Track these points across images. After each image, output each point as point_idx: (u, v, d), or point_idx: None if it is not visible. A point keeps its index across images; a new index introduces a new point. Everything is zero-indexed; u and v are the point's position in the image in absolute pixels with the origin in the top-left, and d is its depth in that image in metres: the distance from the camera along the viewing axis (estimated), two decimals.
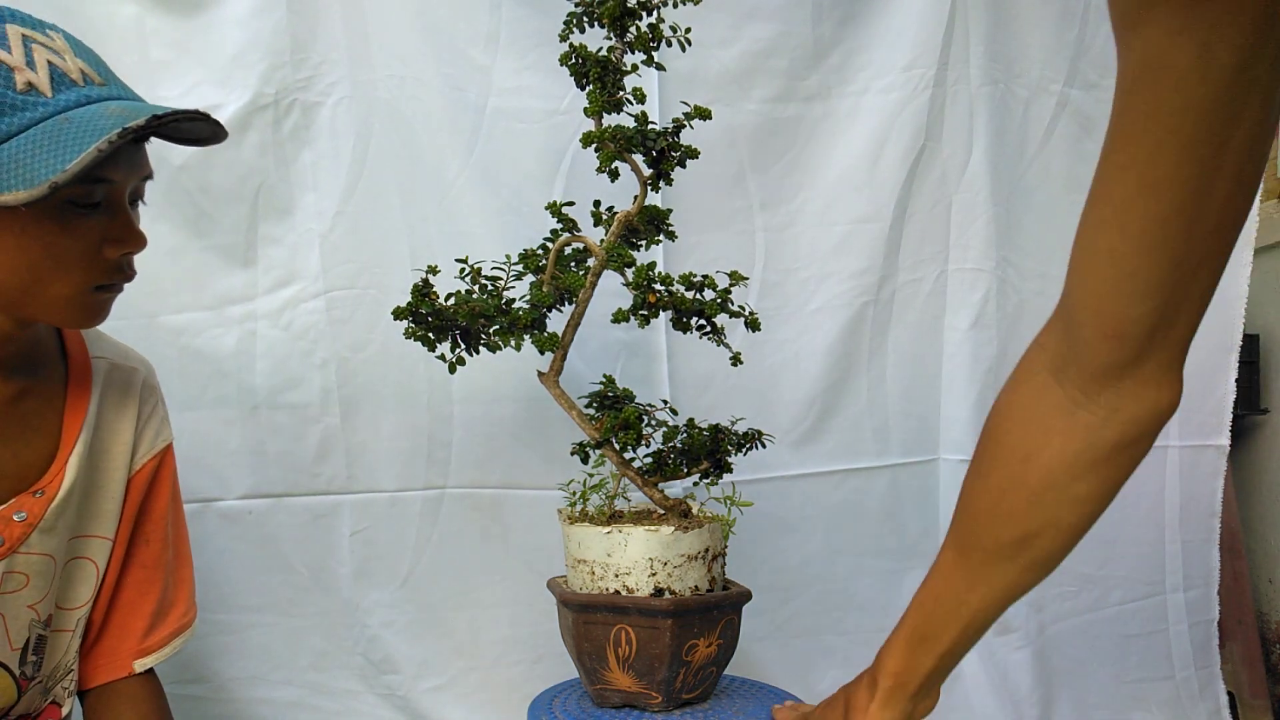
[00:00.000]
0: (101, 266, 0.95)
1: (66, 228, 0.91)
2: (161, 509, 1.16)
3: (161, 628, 1.17)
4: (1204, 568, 1.90)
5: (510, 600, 1.68)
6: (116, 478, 1.11)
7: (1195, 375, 1.78)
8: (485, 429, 1.66)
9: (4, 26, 0.90)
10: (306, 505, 1.62)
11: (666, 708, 1.27)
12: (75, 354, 1.09)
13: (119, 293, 1.00)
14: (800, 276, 1.76)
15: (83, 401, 1.07)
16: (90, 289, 0.96)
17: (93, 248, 0.94)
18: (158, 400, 1.17)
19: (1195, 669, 1.89)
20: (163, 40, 1.50)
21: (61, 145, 0.84)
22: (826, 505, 1.78)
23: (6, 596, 1.01)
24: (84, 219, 0.92)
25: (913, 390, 1.81)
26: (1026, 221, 1.82)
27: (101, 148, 0.84)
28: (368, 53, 1.58)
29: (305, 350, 1.60)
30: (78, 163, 0.83)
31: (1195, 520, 1.89)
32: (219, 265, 1.56)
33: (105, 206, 0.94)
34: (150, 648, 1.16)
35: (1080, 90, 1.79)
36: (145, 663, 1.15)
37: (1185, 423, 1.87)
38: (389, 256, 1.62)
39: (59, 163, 0.83)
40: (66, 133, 0.85)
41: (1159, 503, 1.88)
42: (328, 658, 1.64)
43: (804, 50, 1.70)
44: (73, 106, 0.89)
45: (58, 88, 0.89)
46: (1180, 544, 1.89)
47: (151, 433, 1.15)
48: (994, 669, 1.82)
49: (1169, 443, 1.88)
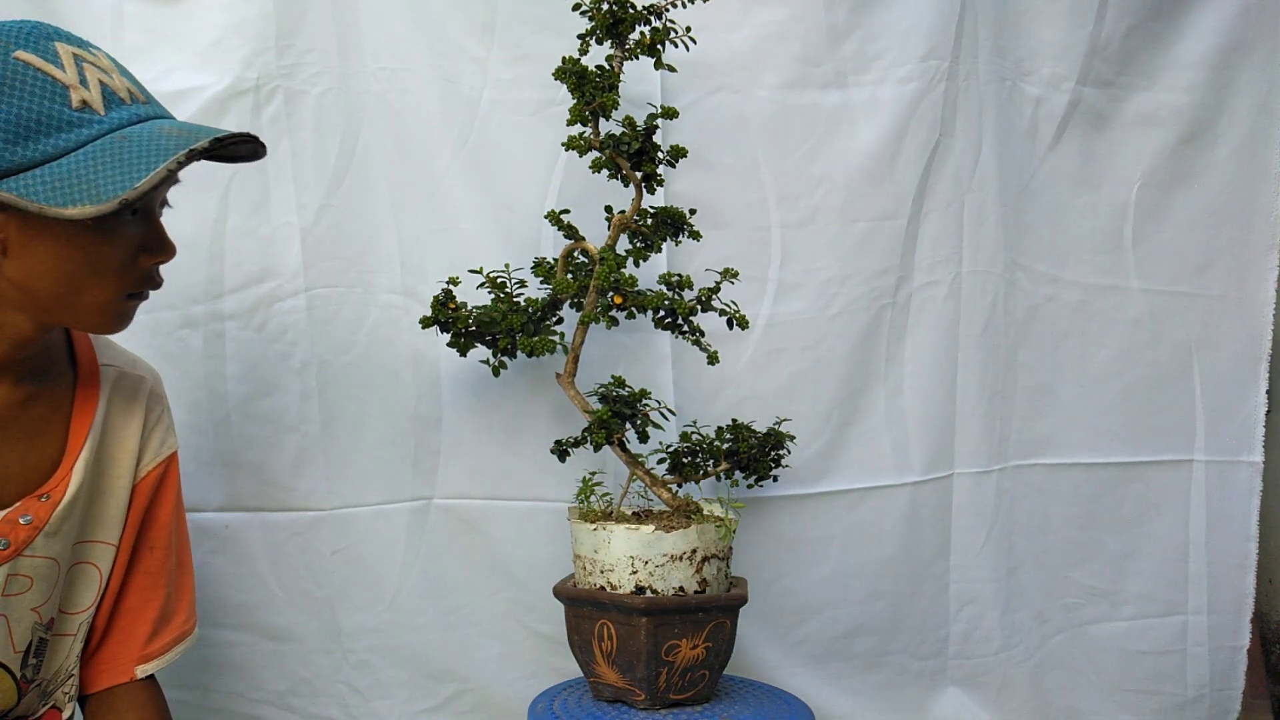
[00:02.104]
0: (136, 275, 1.00)
1: (108, 237, 0.96)
2: (166, 516, 1.19)
3: (164, 634, 1.20)
4: (1235, 594, 1.84)
5: (502, 616, 1.64)
6: (121, 484, 1.13)
7: (1222, 386, 1.80)
8: (475, 435, 1.61)
9: (53, 44, 0.94)
10: (283, 521, 1.55)
11: (652, 706, 1.31)
12: (84, 360, 1.12)
13: (146, 300, 1.05)
14: (821, 278, 1.69)
15: (90, 407, 1.10)
16: (122, 297, 1.00)
17: (129, 257, 0.99)
18: (164, 409, 1.20)
19: (1211, 690, 1.85)
20: (141, 25, 1.47)
21: (126, 163, 0.89)
22: (843, 525, 1.73)
23: (10, 599, 1.04)
24: (124, 229, 0.97)
25: (930, 401, 1.75)
26: (1037, 224, 1.78)
27: (171, 167, 0.89)
28: (359, 43, 1.54)
29: (282, 353, 1.54)
30: (148, 181, 0.88)
31: (1226, 542, 1.84)
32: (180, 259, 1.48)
33: (141, 215, 1.00)
34: (152, 654, 1.18)
35: (1094, 88, 1.75)
36: (147, 668, 1.18)
37: (1213, 436, 1.82)
38: (376, 253, 1.57)
39: (127, 180, 0.88)
40: (128, 150, 0.91)
41: (1183, 520, 1.83)
42: (307, 684, 1.58)
43: (817, 35, 1.65)
44: (125, 124, 0.94)
45: (109, 106, 0.94)
46: (1206, 565, 1.83)
47: (157, 440, 1.18)
48: (992, 679, 1.80)
49: (1194, 457, 1.83)
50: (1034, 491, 1.80)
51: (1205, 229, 1.80)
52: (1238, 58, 1.77)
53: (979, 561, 1.77)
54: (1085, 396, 1.79)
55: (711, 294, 1.43)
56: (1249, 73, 1.77)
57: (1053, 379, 1.79)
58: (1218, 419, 1.82)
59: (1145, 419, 1.81)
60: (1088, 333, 1.79)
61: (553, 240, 1.55)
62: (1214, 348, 1.82)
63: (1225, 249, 1.81)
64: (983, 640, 1.79)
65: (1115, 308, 1.79)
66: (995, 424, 1.77)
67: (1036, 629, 1.82)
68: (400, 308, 1.57)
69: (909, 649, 1.77)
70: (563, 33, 1.48)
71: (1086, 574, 1.82)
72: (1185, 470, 1.82)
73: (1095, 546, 1.81)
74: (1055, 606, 1.82)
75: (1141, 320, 1.80)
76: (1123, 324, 1.79)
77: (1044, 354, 1.79)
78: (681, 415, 1.60)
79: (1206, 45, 1.75)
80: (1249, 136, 1.78)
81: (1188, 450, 1.82)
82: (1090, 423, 1.80)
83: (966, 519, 1.77)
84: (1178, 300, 1.81)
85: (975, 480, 1.77)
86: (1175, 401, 1.82)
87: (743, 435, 1.44)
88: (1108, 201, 1.78)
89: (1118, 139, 1.77)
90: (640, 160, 1.39)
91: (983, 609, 1.78)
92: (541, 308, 1.42)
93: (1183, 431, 1.82)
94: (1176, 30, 1.74)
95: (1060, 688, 1.82)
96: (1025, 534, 1.80)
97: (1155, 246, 1.80)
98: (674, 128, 1.58)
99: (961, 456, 1.77)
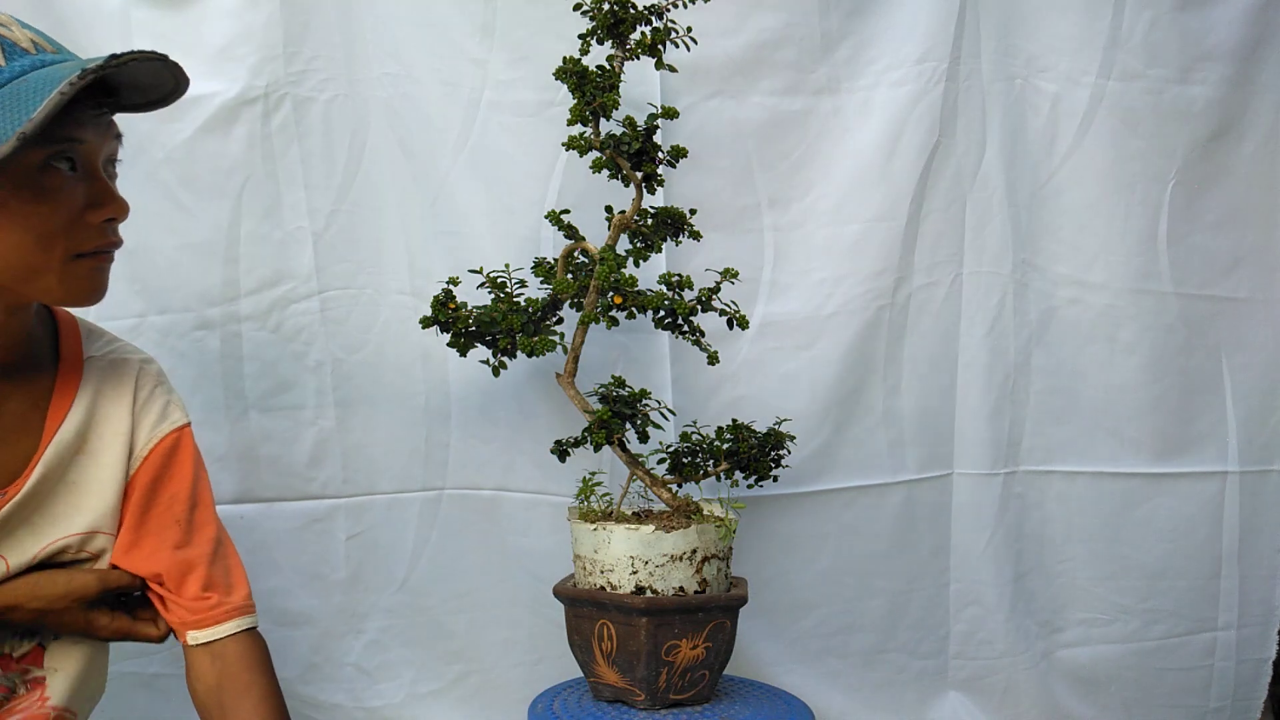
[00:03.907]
0: (85, 232, 0.98)
1: (43, 196, 0.94)
2: (178, 490, 1.13)
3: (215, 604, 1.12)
4: (1263, 605, 1.80)
5: (509, 602, 1.68)
6: (109, 472, 1.10)
7: (1253, 393, 1.76)
8: (483, 429, 1.66)
9: None
10: (300, 510, 1.62)
11: (652, 706, 1.32)
12: (68, 354, 1.11)
13: (108, 261, 1.02)
14: (814, 279, 1.70)
15: (66, 402, 1.08)
16: (70, 257, 0.97)
17: (74, 214, 0.96)
18: (156, 386, 1.15)
19: (1233, 700, 1.81)
20: (149, 32, 1.51)
21: (22, 103, 0.87)
22: (839, 523, 1.74)
23: None
24: (61, 187, 0.95)
25: (929, 402, 1.75)
26: (1058, 224, 1.74)
27: (64, 91, 0.86)
28: (364, 49, 1.58)
29: (297, 353, 1.60)
30: (41, 110, 0.86)
31: (1256, 554, 1.79)
32: (197, 263, 1.56)
33: (81, 172, 0.97)
34: (202, 623, 1.12)
35: (1120, 82, 1.70)
36: (199, 636, 1.11)
37: (1245, 445, 1.77)
38: (385, 255, 1.63)
39: (23, 117, 0.86)
40: (24, 91, 0.88)
41: (1215, 534, 1.79)
42: (316, 670, 1.65)
43: (812, 42, 1.66)
44: (28, 71, 0.92)
45: (10, 57, 0.92)
46: (1237, 580, 1.79)
47: (153, 415, 1.13)
48: (995, 682, 1.79)
49: (1227, 468, 1.78)
50: (1051, 499, 1.77)
51: (1233, 229, 1.75)
52: (1265, 51, 1.71)
53: (981, 563, 1.76)
54: (1111, 403, 1.75)
55: (711, 294, 1.44)
56: (1274, 66, 1.71)
57: (1073, 384, 1.76)
58: (1250, 428, 1.77)
59: (1177, 428, 1.76)
60: (1117, 338, 1.74)
61: (553, 240, 1.58)
62: (1243, 353, 1.77)
63: (1252, 249, 1.76)
64: (985, 643, 1.78)
65: (1149, 312, 1.74)
66: (1003, 426, 1.75)
67: (1046, 637, 1.79)
68: (409, 307, 1.62)
69: (907, 647, 1.77)
70: (562, 34, 1.51)
71: (1113, 589, 1.78)
72: (1219, 482, 1.77)
73: (1125, 561, 1.78)
74: (1073, 619, 1.79)
75: (1175, 325, 1.75)
76: (1157, 329, 1.75)
77: (1063, 359, 1.75)
78: (681, 415, 1.61)
79: (1236, 37, 1.70)
80: (1272, 132, 1.73)
81: (1221, 461, 1.77)
82: (1116, 431, 1.76)
83: (967, 520, 1.76)
84: (1209, 304, 1.76)
85: (976, 482, 1.75)
86: (1207, 410, 1.77)
87: (743, 435, 1.44)
88: (1141, 200, 1.73)
89: (1152, 134, 1.72)
90: (641, 160, 1.40)
91: (985, 611, 1.77)
92: (541, 308, 1.44)
93: (1216, 441, 1.77)
94: (1207, 21, 1.69)
95: (1072, 697, 1.79)
96: (1038, 541, 1.78)
97: (1188, 248, 1.75)
98: (670, 131, 1.60)
99: (962, 457, 1.76)
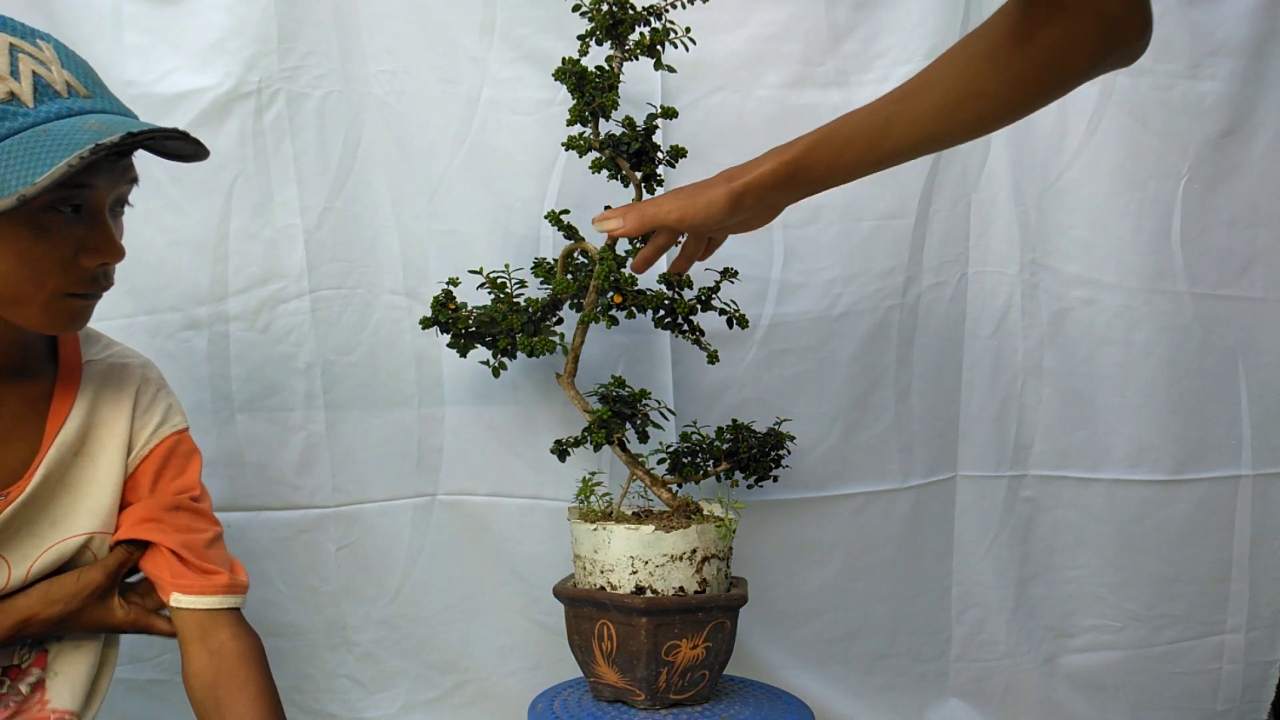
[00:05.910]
0: (77, 275, 0.98)
1: (42, 234, 0.94)
2: (182, 484, 1.17)
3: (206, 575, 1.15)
4: (1272, 608, 1.79)
5: (504, 609, 1.67)
6: (108, 474, 1.12)
7: (1268, 394, 1.74)
8: (477, 434, 1.64)
9: None
10: (288, 520, 1.60)
11: (652, 706, 1.33)
12: (66, 359, 1.12)
13: (96, 300, 1.03)
14: (824, 278, 1.69)
15: (65, 406, 1.09)
16: (60, 296, 0.98)
17: (68, 256, 0.97)
18: (158, 391, 1.19)
19: (1240, 703, 1.80)
20: (140, 26, 1.49)
21: (35, 157, 0.88)
22: (848, 529, 1.72)
23: None
24: (61, 227, 0.95)
25: (938, 404, 1.74)
26: (1069, 223, 1.72)
27: (72, 163, 0.87)
28: (360, 45, 1.57)
29: (286, 354, 1.58)
30: (47, 177, 0.86)
31: (1267, 556, 1.78)
32: (186, 261, 1.54)
33: (85, 214, 0.97)
34: (189, 588, 1.14)
35: (1129, 77, 1.69)
36: (181, 600, 1.13)
37: (1260, 448, 1.76)
38: (378, 255, 1.61)
39: (30, 175, 0.86)
40: (42, 145, 0.88)
41: (1227, 538, 1.77)
42: (310, 680, 1.63)
43: (818, 35, 1.64)
44: (53, 118, 0.92)
45: (40, 99, 0.92)
46: (1248, 583, 1.78)
47: (154, 420, 1.16)
48: (995, 685, 1.78)
49: (1240, 471, 1.76)
50: (1063, 504, 1.76)
51: (1245, 227, 1.74)
52: (1274, 45, 1.70)
53: (983, 566, 1.76)
54: (1128, 408, 1.74)
55: (711, 293, 1.45)
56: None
57: (1088, 387, 1.74)
58: (1264, 430, 1.76)
59: (1193, 433, 1.75)
60: (1133, 340, 1.73)
61: (552, 240, 1.57)
62: (1257, 354, 1.76)
63: (1265, 248, 1.74)
64: (986, 645, 1.78)
65: (1164, 313, 1.73)
66: (1010, 428, 1.74)
67: (1052, 641, 1.79)
68: (403, 308, 1.61)
69: (910, 651, 1.77)
70: (562, 33, 1.50)
71: (1124, 596, 1.77)
72: (1232, 486, 1.76)
73: (1136, 568, 1.77)
74: (1082, 625, 1.78)
75: (1190, 326, 1.74)
76: (1172, 331, 1.73)
77: (1077, 361, 1.74)
78: (682, 416, 1.61)
79: (1245, 32, 1.69)
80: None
81: (1235, 465, 1.76)
82: (1134, 436, 1.74)
83: (969, 522, 1.76)
84: (1224, 304, 1.74)
85: (980, 484, 1.75)
86: (1223, 413, 1.76)
87: (742, 435, 1.45)
88: (1153, 198, 1.71)
89: (1162, 130, 1.70)
90: (640, 160, 1.40)
91: (987, 614, 1.77)
92: (541, 308, 1.44)
93: (1230, 445, 1.76)
94: (1215, 16, 1.68)
95: (1076, 700, 1.79)
96: (1047, 546, 1.77)
97: (1202, 247, 1.73)
98: (674, 128, 1.59)
99: (965, 459, 1.75)
